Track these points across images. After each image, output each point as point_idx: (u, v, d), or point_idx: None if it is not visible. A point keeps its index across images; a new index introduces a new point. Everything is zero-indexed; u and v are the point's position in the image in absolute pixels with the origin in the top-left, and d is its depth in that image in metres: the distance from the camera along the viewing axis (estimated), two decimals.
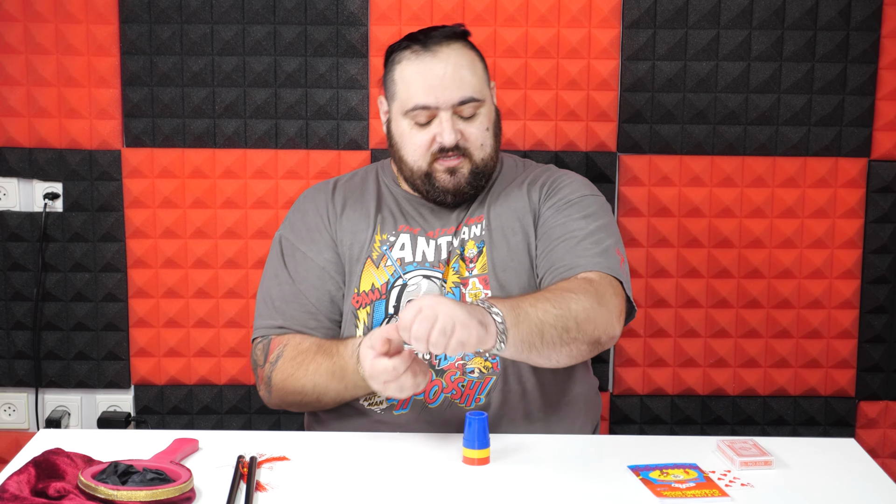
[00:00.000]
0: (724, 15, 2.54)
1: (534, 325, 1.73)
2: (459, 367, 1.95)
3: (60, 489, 1.52)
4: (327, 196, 2.11)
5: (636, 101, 2.58)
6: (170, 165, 2.60)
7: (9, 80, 2.56)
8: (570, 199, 2.03)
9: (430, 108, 1.95)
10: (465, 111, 1.97)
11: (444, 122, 1.95)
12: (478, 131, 1.99)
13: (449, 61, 1.95)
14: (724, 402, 2.70)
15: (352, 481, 1.66)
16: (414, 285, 1.99)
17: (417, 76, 1.96)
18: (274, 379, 1.97)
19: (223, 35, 2.55)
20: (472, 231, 2.03)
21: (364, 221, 2.06)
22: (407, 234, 2.04)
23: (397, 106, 2.00)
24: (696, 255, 2.64)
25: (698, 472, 1.68)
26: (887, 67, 2.56)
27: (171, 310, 2.65)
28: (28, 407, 2.71)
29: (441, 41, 1.97)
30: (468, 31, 2.03)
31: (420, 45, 1.97)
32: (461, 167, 1.98)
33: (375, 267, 2.02)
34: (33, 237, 2.62)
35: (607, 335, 1.83)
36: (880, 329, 2.67)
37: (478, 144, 1.99)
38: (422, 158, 1.99)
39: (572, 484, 1.65)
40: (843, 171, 2.61)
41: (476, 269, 2.00)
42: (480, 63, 2.02)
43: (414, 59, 1.97)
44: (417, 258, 2.01)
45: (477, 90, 1.97)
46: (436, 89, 1.94)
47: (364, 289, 2.01)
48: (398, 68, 1.99)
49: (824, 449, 1.81)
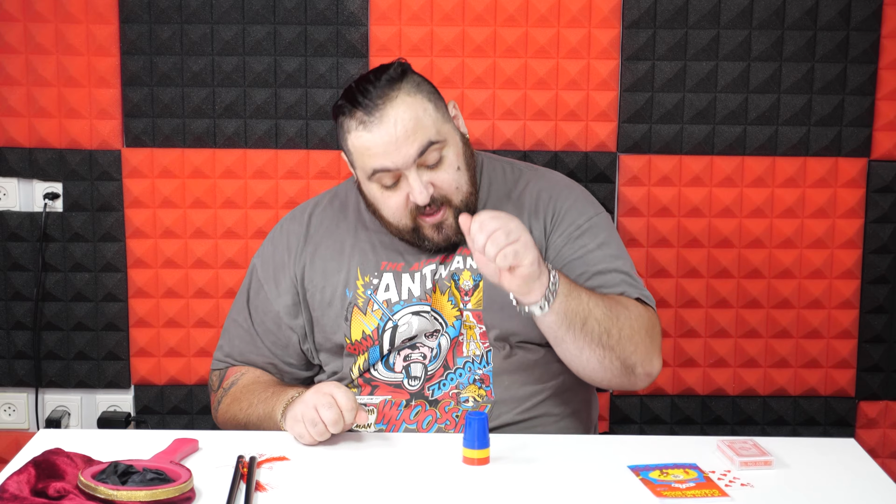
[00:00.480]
0: (724, 15, 2.54)
1: (582, 308, 1.75)
2: (453, 397, 1.93)
3: (60, 489, 1.52)
4: (300, 229, 2.04)
5: (636, 101, 2.58)
6: (170, 165, 2.60)
7: (9, 80, 2.56)
8: (580, 225, 1.95)
9: (390, 170, 1.84)
10: (429, 159, 1.85)
11: (412, 181, 1.84)
12: (449, 176, 1.87)
13: (395, 119, 1.83)
14: (724, 402, 2.70)
15: (352, 481, 1.65)
16: (405, 325, 1.95)
17: (369, 145, 1.84)
18: (222, 404, 2.04)
19: (223, 35, 2.55)
20: (468, 261, 1.95)
21: (335, 262, 1.99)
22: (390, 273, 1.97)
23: (360, 173, 1.91)
24: (696, 255, 2.64)
25: (698, 472, 1.68)
26: (887, 67, 2.56)
27: (171, 310, 2.65)
28: (28, 407, 2.71)
29: (382, 101, 1.83)
30: (407, 65, 1.92)
31: (363, 110, 1.84)
32: (445, 219, 1.89)
33: (363, 314, 1.96)
34: (33, 237, 2.62)
35: (643, 368, 1.85)
36: (880, 329, 2.67)
37: (453, 189, 1.88)
38: (404, 218, 1.90)
39: (572, 484, 1.65)
40: (843, 171, 2.61)
41: (471, 303, 1.94)
42: (430, 102, 1.88)
43: (361, 129, 1.84)
44: (403, 296, 1.95)
45: (433, 132, 1.85)
46: (390, 153, 1.83)
47: (356, 338, 1.97)
48: (349, 139, 1.87)
49: (824, 449, 1.81)
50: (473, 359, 1.94)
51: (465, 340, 1.95)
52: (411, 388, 1.95)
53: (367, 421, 1.82)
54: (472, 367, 1.94)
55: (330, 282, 1.99)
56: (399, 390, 1.96)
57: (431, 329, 1.95)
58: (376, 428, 1.95)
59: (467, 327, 1.95)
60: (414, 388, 1.95)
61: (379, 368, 1.97)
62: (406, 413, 1.94)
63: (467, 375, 1.94)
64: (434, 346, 1.95)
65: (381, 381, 1.97)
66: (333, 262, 2.00)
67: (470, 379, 1.94)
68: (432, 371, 1.94)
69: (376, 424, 1.95)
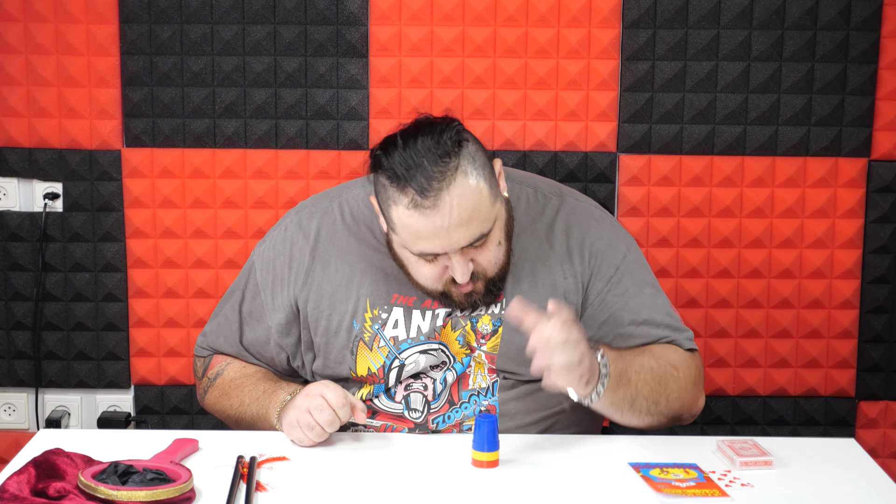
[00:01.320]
0: (724, 15, 2.54)
1: (629, 393, 1.76)
2: (458, 427, 1.91)
3: (60, 489, 1.52)
4: (305, 246, 1.93)
5: (636, 101, 2.58)
6: (170, 165, 2.60)
7: (9, 80, 2.56)
8: (618, 267, 1.89)
9: (438, 254, 1.74)
10: (477, 243, 1.75)
11: (455, 263, 1.75)
12: (491, 254, 1.78)
13: (452, 209, 1.68)
14: (724, 402, 2.70)
15: (352, 481, 1.65)
16: (412, 363, 1.89)
17: (420, 228, 1.70)
18: (209, 395, 2.02)
19: (223, 35, 2.55)
20: (492, 307, 1.87)
21: (345, 289, 1.90)
22: (400, 308, 1.88)
23: (398, 240, 1.78)
24: (696, 255, 2.64)
25: (698, 472, 1.68)
26: (887, 67, 2.56)
27: (171, 310, 2.65)
28: (28, 407, 2.71)
29: (440, 182, 1.67)
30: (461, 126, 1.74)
31: (417, 191, 1.67)
32: (477, 288, 1.81)
33: (369, 349, 1.89)
34: (33, 237, 2.62)
35: (689, 413, 1.89)
36: (880, 329, 2.67)
37: (492, 265, 1.79)
38: (435, 284, 1.80)
39: (572, 481, 1.65)
40: (843, 171, 2.61)
41: (486, 346, 1.88)
42: (485, 179, 1.73)
43: (412, 208, 1.69)
44: (412, 334, 1.88)
45: (486, 222, 1.73)
46: (441, 239, 1.71)
47: (361, 373, 1.90)
48: (395, 211, 1.71)
49: (824, 449, 1.81)
50: (479, 391, 1.91)
51: (472, 373, 1.90)
52: (415, 420, 1.91)
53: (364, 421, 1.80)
54: (478, 399, 1.91)
55: (337, 310, 1.90)
56: (401, 419, 1.92)
57: (437, 362, 1.90)
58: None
59: (477, 363, 1.90)
60: (417, 419, 1.91)
61: (381, 398, 1.93)
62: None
63: (473, 407, 1.91)
64: (439, 378, 1.90)
65: (382, 410, 1.94)
66: (342, 290, 1.90)
67: (475, 410, 1.91)
68: (437, 407, 1.91)
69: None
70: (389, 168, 1.70)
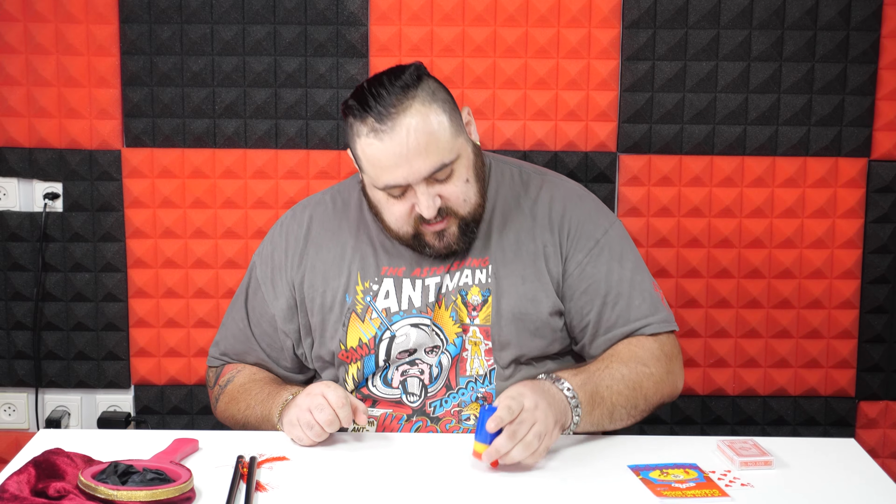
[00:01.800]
0: (724, 15, 2.54)
1: (606, 410, 1.80)
2: (455, 415, 1.92)
3: (60, 489, 1.52)
4: (300, 231, 2.00)
5: (636, 101, 2.58)
6: (170, 165, 2.60)
7: (9, 80, 2.56)
8: (598, 240, 1.94)
9: (400, 185, 1.80)
10: (439, 175, 1.81)
11: (419, 195, 1.80)
12: (457, 189, 1.83)
13: (409, 133, 1.76)
14: (724, 402, 2.70)
15: (352, 481, 1.66)
16: (402, 336, 1.92)
17: (380, 157, 1.78)
18: (220, 402, 2.03)
19: (223, 35, 2.55)
20: (477, 276, 1.92)
21: (337, 267, 1.96)
22: (391, 279, 1.93)
23: (367, 179, 1.86)
24: (696, 255, 2.64)
25: (698, 472, 1.68)
26: (887, 67, 2.56)
27: (171, 310, 2.65)
28: (28, 407, 2.71)
29: (396, 108, 1.76)
30: (424, 69, 1.85)
31: (375, 117, 1.77)
32: (448, 227, 1.85)
33: (361, 321, 1.93)
34: (33, 237, 2.62)
35: (671, 396, 1.93)
36: (880, 329, 2.67)
37: (460, 201, 1.84)
38: (406, 225, 1.86)
39: (572, 484, 1.65)
40: (843, 171, 2.61)
41: (479, 318, 1.92)
42: (445, 113, 1.81)
43: (373, 137, 1.77)
44: (403, 306, 1.92)
45: (447, 151, 1.80)
46: (401, 167, 1.77)
47: (351, 345, 1.94)
48: (359, 144, 1.81)
49: (824, 449, 1.81)
50: (476, 378, 1.93)
51: (469, 357, 1.92)
52: (412, 404, 1.93)
53: (365, 423, 1.81)
54: (476, 386, 1.93)
55: (331, 286, 1.95)
56: (400, 406, 1.94)
57: (430, 344, 1.92)
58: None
59: (473, 343, 1.92)
60: (414, 404, 1.93)
61: (377, 384, 1.95)
62: (406, 427, 1.93)
63: (470, 394, 1.92)
64: (434, 362, 1.92)
65: (379, 397, 1.95)
66: (334, 267, 1.96)
67: (472, 397, 1.92)
68: (434, 391, 1.93)
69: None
70: (354, 104, 1.81)
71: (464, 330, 1.92)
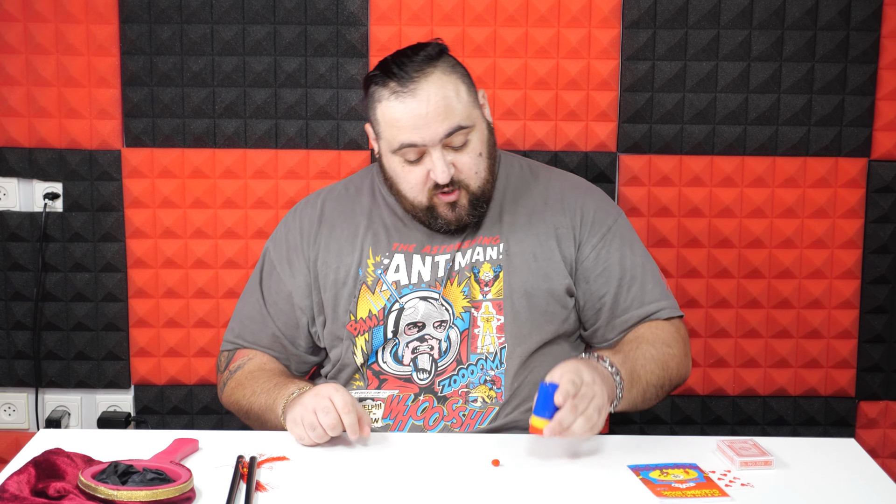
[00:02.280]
0: (724, 15, 2.54)
1: (641, 389, 1.87)
2: (462, 395, 1.95)
3: (60, 489, 1.52)
4: (314, 213, 2.07)
5: (636, 101, 2.58)
6: (170, 165, 2.60)
7: (9, 80, 2.56)
8: (609, 226, 2.02)
9: (417, 145, 1.88)
10: (455, 141, 1.89)
11: (435, 159, 1.88)
12: (470, 160, 1.91)
13: (429, 95, 1.86)
14: (724, 402, 2.70)
15: (352, 481, 1.65)
16: (411, 308, 1.97)
17: (400, 116, 1.87)
18: (227, 387, 2.04)
19: (223, 35, 2.55)
20: (488, 253, 1.99)
21: (349, 244, 2.02)
22: (402, 254, 1.99)
23: (384, 145, 1.93)
24: (696, 255, 2.64)
25: (698, 472, 1.68)
26: (887, 67, 2.56)
27: (171, 310, 2.65)
28: (28, 407, 2.71)
29: (419, 74, 1.87)
30: (444, 46, 1.94)
31: (397, 81, 1.87)
32: (460, 199, 1.92)
33: (371, 292, 1.99)
34: (33, 237, 2.62)
35: (683, 378, 1.99)
36: (880, 329, 2.67)
37: (472, 173, 1.92)
38: (420, 194, 1.93)
39: (572, 484, 1.65)
40: (843, 171, 2.61)
41: (491, 293, 1.97)
42: (464, 84, 1.92)
43: (394, 99, 1.87)
44: (413, 280, 1.98)
45: (463, 117, 1.89)
46: (420, 128, 1.86)
47: (361, 316, 1.98)
48: (379, 108, 1.91)
49: (824, 449, 1.81)
50: (487, 356, 1.96)
51: (480, 334, 1.96)
52: (421, 382, 1.96)
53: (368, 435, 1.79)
54: (485, 365, 1.95)
55: (344, 262, 2.01)
56: (409, 384, 1.96)
57: (438, 318, 1.96)
58: (383, 423, 1.95)
59: (484, 320, 1.96)
60: (424, 381, 1.96)
61: (388, 359, 1.98)
62: (413, 408, 1.95)
63: (479, 374, 1.95)
64: (443, 337, 1.96)
65: (389, 374, 1.98)
66: (347, 244, 2.02)
67: (481, 379, 1.95)
68: (444, 366, 1.96)
69: (383, 419, 1.95)
70: (376, 73, 1.91)
71: (475, 307, 1.96)
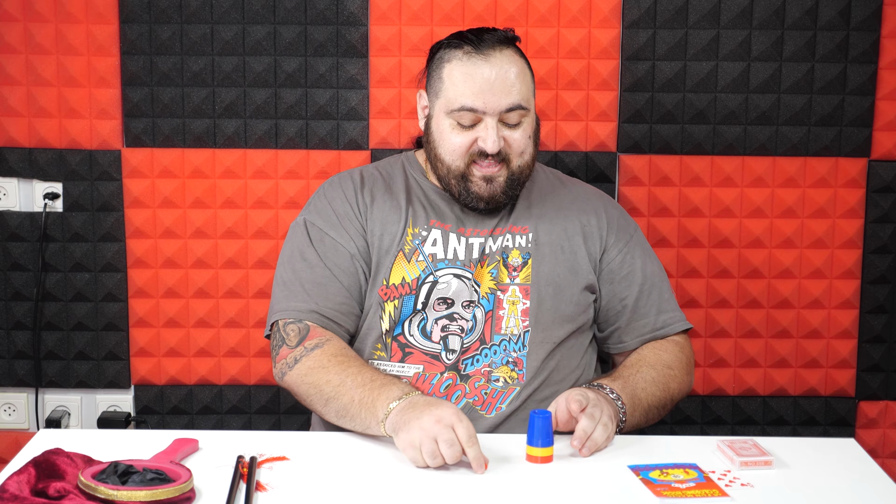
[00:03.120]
0: (724, 15, 2.54)
1: (643, 411, 1.92)
2: (485, 374, 1.97)
3: (60, 489, 1.52)
4: (356, 186, 2.08)
5: (636, 101, 2.58)
6: (170, 165, 2.60)
7: (9, 80, 2.56)
8: (631, 235, 2.11)
9: (476, 111, 1.93)
10: (511, 118, 1.95)
11: (489, 127, 1.93)
12: (521, 138, 1.97)
13: (501, 67, 1.93)
14: (724, 402, 2.70)
15: (352, 481, 1.66)
16: (444, 283, 2.00)
17: (467, 78, 1.93)
18: (301, 364, 1.91)
19: (223, 35, 2.55)
20: (518, 240, 2.04)
21: (395, 213, 2.04)
22: (438, 230, 2.03)
23: (441, 104, 1.97)
24: (696, 255, 2.64)
25: (698, 472, 1.68)
26: (887, 67, 2.56)
27: (171, 310, 2.65)
28: (28, 407, 2.71)
29: (494, 45, 1.94)
30: (518, 37, 2.02)
31: (472, 46, 1.94)
32: (498, 176, 1.98)
33: (407, 261, 2.01)
34: (33, 237, 2.62)
35: (684, 395, 2.06)
36: (880, 329, 2.67)
37: (518, 152, 1.98)
38: (460, 159, 1.97)
39: (572, 484, 1.65)
40: (843, 171, 2.61)
41: (519, 278, 2.01)
42: (529, 72, 2.00)
43: (465, 60, 1.94)
44: (449, 255, 2.02)
45: (525, 98, 1.96)
46: (485, 94, 1.92)
47: (394, 282, 2.00)
48: (447, 67, 1.96)
49: (824, 449, 1.81)
50: (511, 338, 1.99)
51: (505, 315, 2.00)
52: (448, 362, 1.98)
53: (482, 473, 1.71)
54: (508, 346, 1.99)
55: (388, 231, 2.03)
56: (435, 361, 1.98)
57: (468, 297, 2.00)
58: None
59: (510, 303, 2.00)
60: (451, 361, 1.98)
61: (414, 332, 1.99)
62: (437, 386, 1.97)
63: (502, 355, 1.98)
64: (470, 317, 1.99)
65: (416, 348, 1.99)
66: (393, 214, 2.04)
67: (503, 360, 1.98)
68: (468, 343, 1.98)
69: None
70: (450, 40, 1.98)
71: (501, 290, 2.00)
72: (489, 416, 1.95)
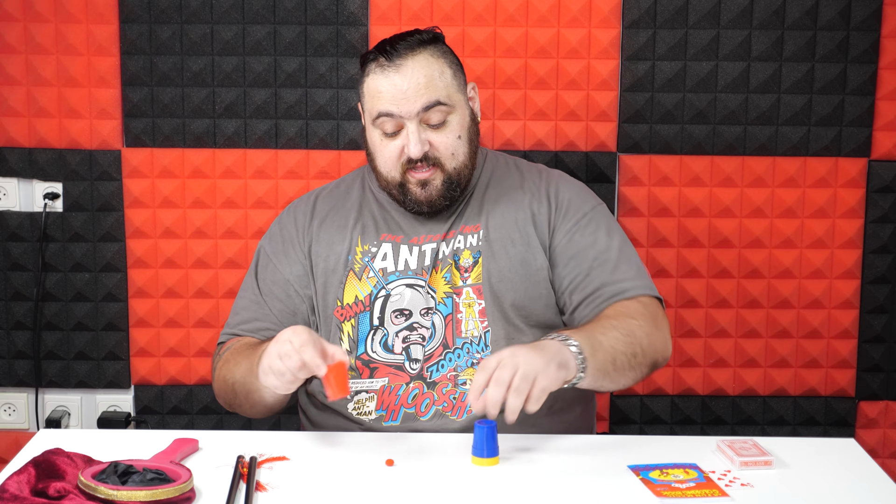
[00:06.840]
0: (724, 15, 2.54)
1: (608, 354, 1.80)
2: (451, 379, 1.96)
3: (60, 489, 1.53)
4: (307, 208, 2.11)
5: (636, 101, 2.58)
6: (170, 165, 2.60)
7: (9, 80, 2.56)
8: (585, 213, 2.04)
9: (393, 115, 1.93)
10: (433, 118, 1.94)
11: (409, 132, 1.93)
12: (447, 140, 1.96)
13: (413, 71, 1.93)
14: (724, 402, 2.70)
15: (352, 481, 1.66)
16: (398, 295, 2.00)
17: (381, 88, 1.94)
18: (217, 374, 2.01)
19: (223, 35, 2.55)
20: (469, 240, 2.02)
21: (340, 234, 2.06)
22: (389, 244, 2.03)
23: (367, 117, 2.00)
24: (696, 255, 2.64)
25: (698, 472, 1.68)
26: (887, 67, 2.56)
27: (171, 310, 2.65)
28: (28, 407, 2.71)
29: (406, 53, 1.94)
30: (440, 34, 2.01)
31: (385, 57, 1.94)
32: (433, 179, 1.96)
33: (358, 279, 2.02)
34: (33, 237, 2.62)
35: (663, 357, 1.93)
36: (880, 329, 2.67)
37: (448, 154, 1.96)
38: (394, 169, 1.97)
39: (572, 484, 1.65)
40: (843, 171, 2.61)
41: (470, 278, 2.00)
42: (451, 68, 1.98)
43: (379, 72, 1.94)
44: (399, 267, 2.01)
45: (443, 95, 1.94)
46: (398, 99, 1.92)
47: (348, 301, 2.01)
48: (366, 81, 1.98)
49: (824, 449, 1.81)
50: (472, 340, 1.97)
51: (463, 318, 1.98)
52: (412, 371, 1.97)
53: (346, 358, 1.74)
54: (471, 348, 1.97)
55: (334, 251, 2.04)
56: (399, 372, 1.97)
57: (424, 305, 1.98)
58: (377, 414, 1.95)
59: (466, 305, 1.99)
60: (415, 370, 1.97)
61: (377, 349, 1.99)
62: (405, 396, 1.96)
63: (466, 358, 1.97)
64: (429, 325, 1.98)
65: (379, 363, 1.99)
66: (338, 234, 2.06)
67: (468, 362, 1.97)
68: (431, 350, 1.97)
69: (376, 411, 1.96)
70: (370, 52, 1.99)
71: (456, 293, 1.98)
72: (459, 419, 1.93)
